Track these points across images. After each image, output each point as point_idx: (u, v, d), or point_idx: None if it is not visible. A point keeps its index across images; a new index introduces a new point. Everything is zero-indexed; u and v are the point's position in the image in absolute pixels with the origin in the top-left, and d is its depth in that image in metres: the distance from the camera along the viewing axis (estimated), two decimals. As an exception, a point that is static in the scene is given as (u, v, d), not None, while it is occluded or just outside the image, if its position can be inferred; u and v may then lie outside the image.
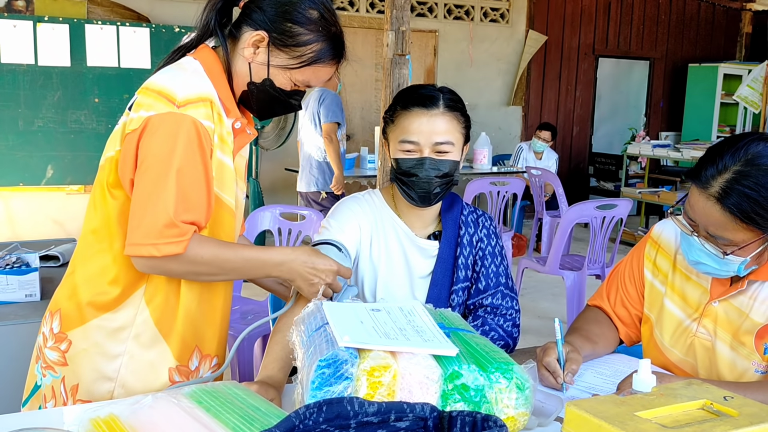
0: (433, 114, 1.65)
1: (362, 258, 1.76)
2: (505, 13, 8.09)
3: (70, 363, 1.43)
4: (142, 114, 1.34)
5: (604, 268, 4.39)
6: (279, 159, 6.69)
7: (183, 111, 1.33)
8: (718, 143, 1.46)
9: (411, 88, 1.74)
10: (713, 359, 1.57)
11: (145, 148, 1.33)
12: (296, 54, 1.42)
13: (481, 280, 1.77)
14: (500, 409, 1.19)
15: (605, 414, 0.94)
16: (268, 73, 1.44)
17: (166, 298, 1.44)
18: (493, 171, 6.60)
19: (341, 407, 0.88)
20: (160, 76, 1.40)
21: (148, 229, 1.31)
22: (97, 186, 1.45)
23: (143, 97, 1.37)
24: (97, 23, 5.59)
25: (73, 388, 1.43)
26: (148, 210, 1.31)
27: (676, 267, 1.67)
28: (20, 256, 2.51)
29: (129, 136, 1.35)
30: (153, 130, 1.32)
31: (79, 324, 1.43)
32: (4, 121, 5.42)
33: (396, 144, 1.68)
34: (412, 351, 1.18)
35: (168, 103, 1.33)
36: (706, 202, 1.41)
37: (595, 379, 1.58)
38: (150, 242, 1.30)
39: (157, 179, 1.31)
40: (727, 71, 8.80)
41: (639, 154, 7.52)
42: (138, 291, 1.43)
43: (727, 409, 0.97)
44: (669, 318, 1.66)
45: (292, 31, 1.41)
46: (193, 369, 1.50)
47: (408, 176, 1.67)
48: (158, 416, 1.09)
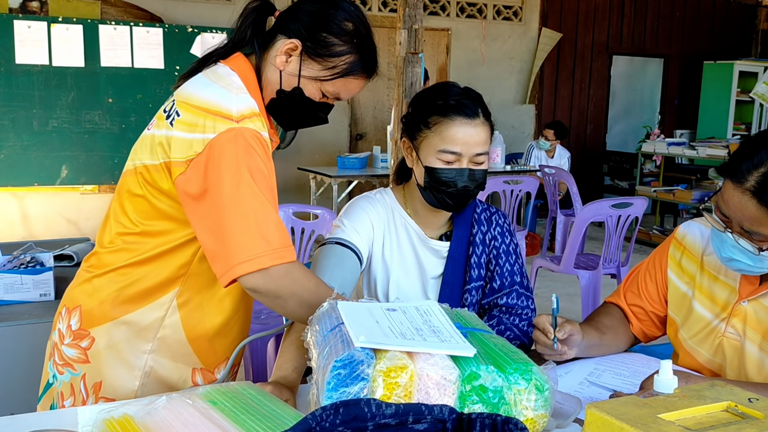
0: (475, 124, 1.62)
1: (375, 257, 1.74)
2: (518, 10, 8.05)
3: (92, 360, 1.43)
4: (199, 136, 1.31)
5: (620, 267, 4.35)
6: (291, 158, 6.69)
7: (242, 125, 1.32)
8: (753, 137, 1.44)
9: (442, 91, 1.67)
10: (742, 359, 1.55)
11: (219, 170, 1.29)
12: (329, 65, 1.42)
13: (495, 279, 1.75)
14: (519, 411, 1.17)
15: (627, 416, 0.92)
16: (298, 82, 1.42)
17: (199, 304, 1.44)
18: (506, 170, 6.57)
19: (358, 409, 0.86)
20: (203, 90, 1.37)
21: (254, 242, 1.27)
22: (125, 192, 1.43)
23: (190, 115, 1.33)
24: (110, 23, 5.61)
25: (95, 385, 1.43)
26: (249, 226, 1.28)
27: (703, 268, 1.65)
28: (35, 255, 2.52)
29: (195, 162, 1.30)
30: (221, 149, 1.29)
31: (102, 321, 1.42)
32: (18, 122, 5.45)
33: (433, 152, 1.63)
34: (429, 351, 1.16)
35: (225, 120, 1.31)
36: (742, 196, 1.38)
37: (614, 380, 1.55)
38: (261, 254, 1.27)
39: (244, 195, 1.28)
40: (743, 68, 8.71)
41: (654, 153, 7.47)
42: (170, 292, 1.42)
43: (752, 411, 0.95)
44: (697, 319, 1.63)
45: (327, 42, 1.40)
46: (217, 376, 1.52)
47: (446, 186, 1.63)
48: (173, 417, 1.08)
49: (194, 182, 1.31)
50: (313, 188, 6.24)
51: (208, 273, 1.41)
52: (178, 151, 1.33)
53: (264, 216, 1.29)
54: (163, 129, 1.38)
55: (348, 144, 7.29)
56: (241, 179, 1.29)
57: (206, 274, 1.42)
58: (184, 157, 1.32)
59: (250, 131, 1.32)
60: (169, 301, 1.42)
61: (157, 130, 1.39)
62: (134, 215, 1.41)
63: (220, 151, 1.29)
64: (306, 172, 6.29)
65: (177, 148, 1.33)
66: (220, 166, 1.29)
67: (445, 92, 1.66)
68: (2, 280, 2.27)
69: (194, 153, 1.31)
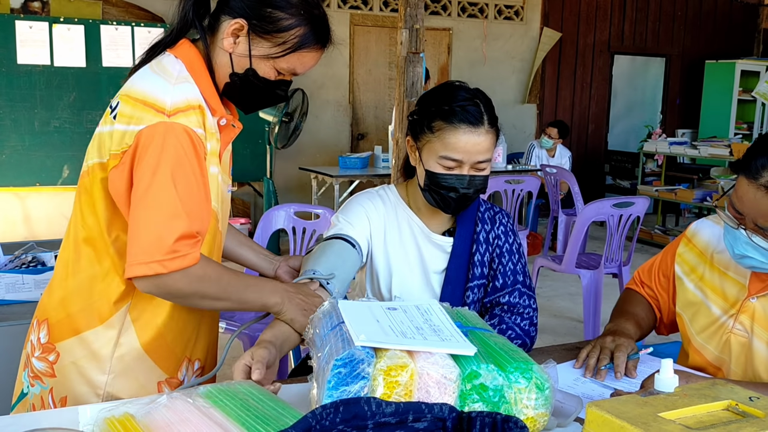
0: (479, 133, 1.60)
1: (376, 253, 1.74)
2: (519, 10, 8.04)
3: (58, 375, 1.39)
4: (133, 128, 1.28)
5: (621, 266, 4.35)
6: (293, 158, 6.69)
7: (174, 120, 1.27)
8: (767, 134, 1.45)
9: (449, 95, 1.64)
10: (749, 356, 1.55)
11: (141, 163, 1.26)
12: (279, 41, 1.35)
13: (498, 277, 1.75)
14: (519, 410, 1.17)
15: (628, 415, 0.92)
16: (250, 62, 1.36)
17: (153, 315, 1.39)
18: (507, 169, 6.57)
19: (358, 407, 0.86)
20: (143, 81, 1.33)
21: (152, 245, 1.23)
22: (84, 193, 1.38)
23: (129, 107, 1.30)
24: (111, 24, 5.62)
25: (62, 399, 1.40)
26: (150, 226, 1.24)
27: (713, 265, 1.65)
28: (36, 255, 2.52)
29: (125, 154, 1.28)
30: (147, 143, 1.26)
31: (67, 336, 1.38)
32: (20, 122, 5.46)
33: (435, 157, 1.62)
34: (429, 350, 1.17)
35: (157, 113, 1.27)
36: (756, 192, 1.39)
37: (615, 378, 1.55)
38: (155, 259, 1.23)
39: (157, 193, 1.25)
40: (745, 68, 8.70)
41: (655, 152, 7.46)
42: (123, 307, 1.37)
43: (752, 410, 0.95)
44: (704, 315, 1.64)
45: (273, 17, 1.34)
46: (182, 378, 1.47)
47: (445, 190, 1.64)
48: (173, 415, 1.08)
49: (124, 175, 1.28)
50: (315, 188, 6.24)
51: None
52: (115, 144, 1.30)
53: (168, 218, 1.24)
54: (107, 125, 1.34)
55: (349, 144, 7.29)
56: (156, 176, 1.25)
57: None
58: (119, 150, 1.29)
59: (180, 127, 1.27)
60: (123, 316, 1.37)
61: (103, 126, 1.36)
62: (91, 219, 1.37)
63: (146, 144, 1.26)
64: (307, 171, 6.29)
65: (115, 141, 1.30)
66: (143, 159, 1.26)
67: (452, 96, 1.63)
68: (4, 280, 2.27)
69: (126, 145, 1.28)
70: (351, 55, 7.22)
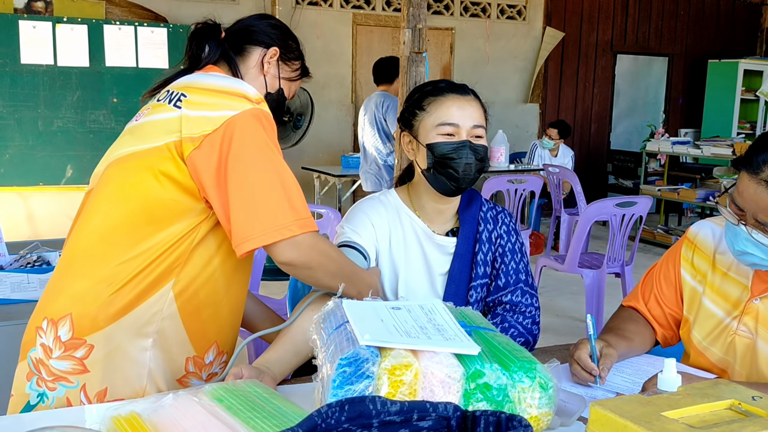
0: (468, 99, 1.71)
1: (383, 258, 1.75)
2: (521, 9, 8.04)
3: (92, 369, 1.39)
4: (215, 114, 1.38)
5: (624, 266, 4.35)
6: (296, 158, 6.70)
7: (261, 107, 1.43)
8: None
9: (431, 82, 1.78)
10: (754, 358, 1.55)
11: (242, 144, 1.36)
12: (295, 67, 1.67)
13: (500, 277, 1.76)
14: (523, 409, 1.17)
15: (631, 414, 0.92)
16: (279, 83, 1.64)
17: (195, 292, 1.45)
18: (510, 169, 6.57)
19: (363, 406, 0.87)
20: (207, 78, 1.47)
21: (278, 213, 1.35)
22: (114, 182, 1.43)
23: (202, 96, 1.41)
24: (115, 23, 5.63)
25: (99, 393, 1.40)
26: (278, 196, 1.36)
27: (715, 266, 1.65)
28: (40, 254, 2.53)
29: (208, 138, 1.36)
30: (244, 124, 1.37)
31: (101, 327, 1.39)
32: (24, 122, 5.47)
33: (432, 129, 1.68)
34: (433, 350, 1.17)
35: (245, 101, 1.40)
36: (757, 187, 1.40)
37: (617, 378, 1.55)
38: (285, 224, 1.35)
39: (268, 169, 1.37)
40: (748, 67, 8.68)
41: (658, 151, 7.45)
42: (167, 284, 1.42)
43: (755, 409, 0.95)
44: (708, 317, 1.63)
45: (292, 47, 1.66)
46: (208, 363, 1.52)
47: (449, 160, 1.66)
48: (179, 414, 1.09)
49: (212, 157, 1.36)
50: (317, 187, 6.25)
51: (202, 257, 1.44)
52: (192, 128, 1.38)
53: (292, 186, 1.39)
54: (164, 112, 1.43)
55: (351, 143, 7.29)
56: (267, 152, 1.38)
57: (200, 258, 1.44)
58: (199, 133, 1.37)
59: (268, 113, 1.44)
60: (167, 292, 1.42)
61: (155, 115, 1.44)
62: (139, 198, 1.40)
63: (245, 127, 1.37)
64: (310, 171, 6.30)
65: (189, 125, 1.38)
66: (245, 140, 1.36)
67: (434, 81, 1.78)
68: (9, 279, 2.28)
69: (211, 129, 1.37)
70: (353, 54, 7.23)
